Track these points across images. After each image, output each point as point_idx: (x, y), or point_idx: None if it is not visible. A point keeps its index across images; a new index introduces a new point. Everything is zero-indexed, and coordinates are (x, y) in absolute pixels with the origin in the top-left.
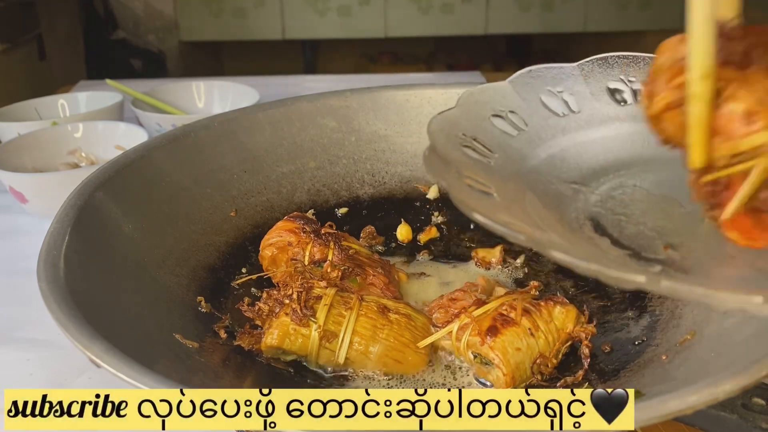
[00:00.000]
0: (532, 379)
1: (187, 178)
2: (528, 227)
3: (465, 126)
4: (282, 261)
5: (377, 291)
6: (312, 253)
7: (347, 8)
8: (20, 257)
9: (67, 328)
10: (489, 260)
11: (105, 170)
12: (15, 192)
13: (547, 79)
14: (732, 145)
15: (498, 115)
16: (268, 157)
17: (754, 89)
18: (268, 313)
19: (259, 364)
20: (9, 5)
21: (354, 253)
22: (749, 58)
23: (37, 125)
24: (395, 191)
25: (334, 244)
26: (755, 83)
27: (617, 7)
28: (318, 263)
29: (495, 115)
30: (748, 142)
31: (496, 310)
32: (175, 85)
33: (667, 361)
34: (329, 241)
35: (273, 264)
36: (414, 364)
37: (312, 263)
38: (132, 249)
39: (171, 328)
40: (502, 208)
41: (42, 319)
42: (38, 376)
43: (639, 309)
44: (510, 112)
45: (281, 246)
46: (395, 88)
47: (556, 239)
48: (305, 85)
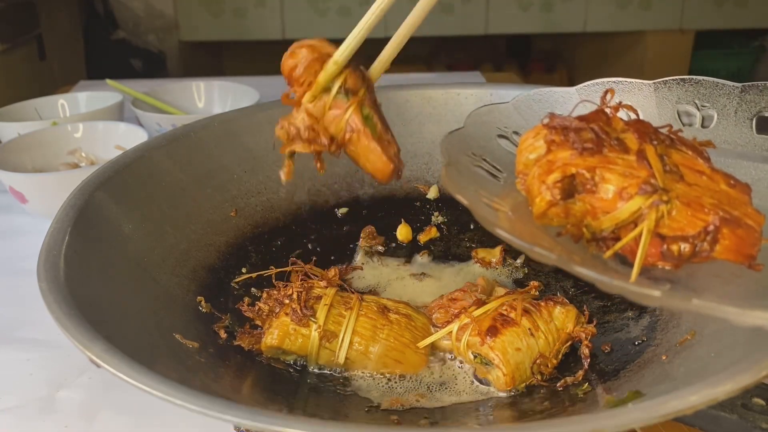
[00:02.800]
0: (532, 379)
1: (187, 178)
2: (551, 244)
3: (474, 145)
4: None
5: None
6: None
7: (347, 8)
8: (20, 257)
9: (67, 328)
10: (489, 260)
11: (105, 170)
12: (15, 192)
13: (549, 102)
14: (613, 216)
15: (503, 135)
16: (268, 157)
17: (616, 168)
18: (268, 313)
19: (259, 364)
20: (9, 5)
21: None
22: (600, 142)
23: (37, 125)
24: (395, 191)
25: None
26: (614, 161)
27: (617, 7)
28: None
29: (500, 135)
30: (626, 210)
31: (496, 310)
32: (175, 85)
33: (667, 361)
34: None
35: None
36: (414, 364)
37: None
38: (132, 249)
39: (171, 328)
40: (519, 224)
41: (42, 319)
42: (38, 376)
43: (639, 309)
44: (513, 133)
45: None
46: (395, 88)
47: (576, 258)
48: None
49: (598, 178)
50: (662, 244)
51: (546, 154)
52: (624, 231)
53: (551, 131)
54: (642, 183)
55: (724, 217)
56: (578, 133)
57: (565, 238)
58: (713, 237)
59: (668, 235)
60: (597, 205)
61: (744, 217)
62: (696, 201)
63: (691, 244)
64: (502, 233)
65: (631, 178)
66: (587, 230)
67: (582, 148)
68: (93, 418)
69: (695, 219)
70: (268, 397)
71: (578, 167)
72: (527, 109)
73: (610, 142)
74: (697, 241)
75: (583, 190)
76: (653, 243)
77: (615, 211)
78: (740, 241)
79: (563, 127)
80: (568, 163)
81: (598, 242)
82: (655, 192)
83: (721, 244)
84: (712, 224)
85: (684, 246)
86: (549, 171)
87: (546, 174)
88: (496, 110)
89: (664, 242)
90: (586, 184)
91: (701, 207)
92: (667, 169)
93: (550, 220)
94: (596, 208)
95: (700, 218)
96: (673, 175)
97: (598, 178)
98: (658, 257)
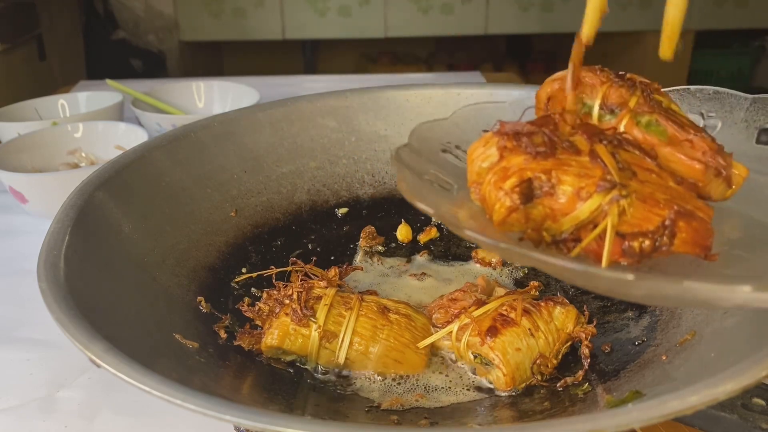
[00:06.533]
0: (532, 380)
1: (187, 178)
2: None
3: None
4: (559, 101)
5: (697, 156)
6: (606, 95)
7: (347, 8)
8: (20, 257)
9: (67, 328)
10: (489, 260)
11: (105, 170)
12: (15, 192)
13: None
14: (573, 217)
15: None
16: (268, 157)
17: (571, 169)
18: (268, 313)
19: (259, 364)
20: (9, 5)
21: (665, 105)
22: (553, 144)
23: (37, 125)
24: (395, 191)
25: (641, 91)
26: (569, 163)
27: (617, 7)
28: (610, 109)
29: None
30: (585, 210)
31: (496, 310)
32: (175, 85)
33: (667, 362)
34: (635, 87)
35: (551, 104)
36: (414, 365)
37: (602, 107)
38: (132, 249)
39: (171, 328)
40: (484, 225)
41: (42, 319)
42: (38, 376)
43: (639, 309)
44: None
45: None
46: (395, 88)
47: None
48: (305, 85)
49: (555, 180)
50: (623, 242)
51: (499, 161)
52: (584, 232)
53: (502, 137)
54: (599, 180)
55: (679, 210)
56: (530, 138)
57: (527, 243)
58: (671, 230)
59: (627, 232)
60: (556, 207)
61: (696, 210)
62: (651, 197)
63: (651, 239)
64: (470, 233)
65: (587, 178)
66: (547, 234)
67: (535, 152)
68: (93, 418)
69: (652, 214)
70: (268, 397)
71: (534, 171)
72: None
73: (561, 144)
74: (656, 236)
75: (541, 194)
76: (614, 241)
77: (574, 212)
78: (696, 233)
79: (515, 133)
80: (523, 168)
81: (558, 245)
82: (613, 188)
83: (678, 238)
84: (669, 218)
85: (645, 242)
86: (505, 177)
87: (502, 180)
88: (437, 126)
89: (625, 239)
90: (543, 187)
91: (656, 202)
92: (620, 166)
93: (510, 227)
94: (555, 211)
95: (657, 213)
96: (626, 172)
97: (554, 180)
98: (619, 254)
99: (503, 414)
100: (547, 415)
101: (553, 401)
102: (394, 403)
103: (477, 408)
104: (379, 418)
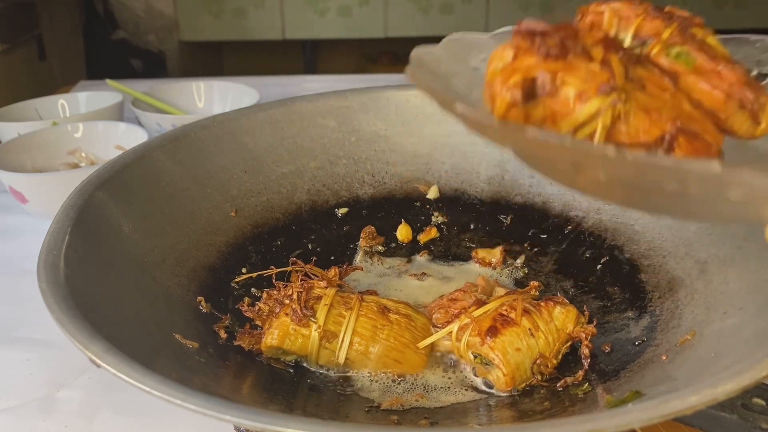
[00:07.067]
0: (532, 380)
1: (187, 178)
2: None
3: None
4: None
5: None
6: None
7: (347, 8)
8: (20, 257)
9: (67, 328)
10: (489, 260)
11: (105, 170)
12: (15, 192)
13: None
14: (572, 119)
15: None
16: (268, 157)
17: (578, 72)
18: (268, 313)
19: (259, 364)
20: (9, 5)
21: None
22: (566, 48)
23: (37, 125)
24: (395, 191)
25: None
26: (577, 67)
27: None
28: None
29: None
30: (584, 112)
31: (496, 310)
32: (175, 85)
33: (667, 362)
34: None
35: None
36: (414, 365)
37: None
38: (132, 249)
39: (171, 328)
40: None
41: (42, 319)
42: (38, 376)
43: (639, 309)
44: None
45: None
46: (395, 88)
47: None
48: (305, 85)
49: (559, 82)
50: None
51: (512, 62)
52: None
53: (518, 36)
54: (601, 84)
55: (682, 128)
56: (544, 38)
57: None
58: (669, 145)
59: (624, 141)
60: (556, 109)
61: (703, 132)
62: (655, 110)
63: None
64: (460, 107)
65: (591, 83)
66: None
67: (546, 53)
68: (93, 418)
69: (653, 127)
70: (268, 397)
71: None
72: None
73: (575, 50)
74: (652, 149)
75: (543, 93)
76: None
77: (573, 114)
78: (696, 153)
79: (530, 32)
80: (531, 67)
81: None
82: (613, 91)
83: (676, 154)
84: (669, 133)
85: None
86: (511, 74)
87: (508, 78)
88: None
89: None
90: (546, 86)
91: (660, 116)
92: (629, 77)
93: None
94: (555, 112)
95: (658, 126)
96: (634, 84)
97: (559, 82)
98: None
99: (503, 414)
100: (547, 415)
101: (553, 401)
102: (394, 403)
103: (477, 408)
104: (379, 418)
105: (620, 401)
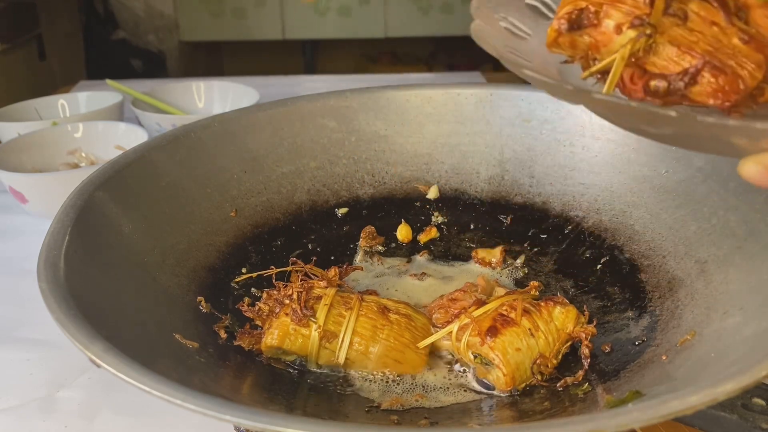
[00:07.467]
0: (532, 380)
1: (187, 178)
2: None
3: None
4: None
5: None
6: None
7: (347, 8)
8: (20, 257)
9: (67, 328)
10: (489, 260)
11: (105, 170)
12: (15, 192)
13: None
14: (608, 50)
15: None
16: (268, 157)
17: (622, 6)
18: (268, 313)
19: (259, 364)
20: (9, 5)
21: None
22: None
23: (37, 125)
24: (395, 191)
25: None
26: (624, 2)
27: None
28: None
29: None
30: (617, 43)
31: (496, 310)
32: (175, 85)
33: (667, 362)
34: None
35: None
36: (414, 365)
37: None
38: (132, 249)
39: (171, 328)
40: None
41: (42, 319)
42: (38, 376)
43: (639, 309)
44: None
45: None
46: (395, 88)
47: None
48: (305, 85)
49: (603, 14)
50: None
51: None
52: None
53: None
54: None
55: (710, 62)
56: None
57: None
58: (692, 78)
59: (651, 71)
60: (599, 39)
61: (738, 67)
62: (687, 44)
63: (667, 81)
64: (529, 73)
65: (631, 16)
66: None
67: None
68: (93, 418)
69: (680, 60)
70: (268, 397)
71: (588, 2)
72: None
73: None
74: (673, 80)
75: (588, 24)
76: (637, 77)
77: (610, 44)
78: (718, 87)
79: None
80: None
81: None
82: (642, 25)
83: (699, 86)
84: (694, 66)
85: (660, 83)
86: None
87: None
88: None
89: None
90: (591, 18)
91: (690, 50)
92: (670, 12)
93: (559, 50)
94: (598, 41)
95: (686, 60)
96: (674, 18)
97: (602, 14)
98: (640, 92)
99: (503, 414)
100: (547, 415)
101: (553, 401)
102: (394, 403)
103: (477, 408)
104: (379, 418)
105: (620, 401)
